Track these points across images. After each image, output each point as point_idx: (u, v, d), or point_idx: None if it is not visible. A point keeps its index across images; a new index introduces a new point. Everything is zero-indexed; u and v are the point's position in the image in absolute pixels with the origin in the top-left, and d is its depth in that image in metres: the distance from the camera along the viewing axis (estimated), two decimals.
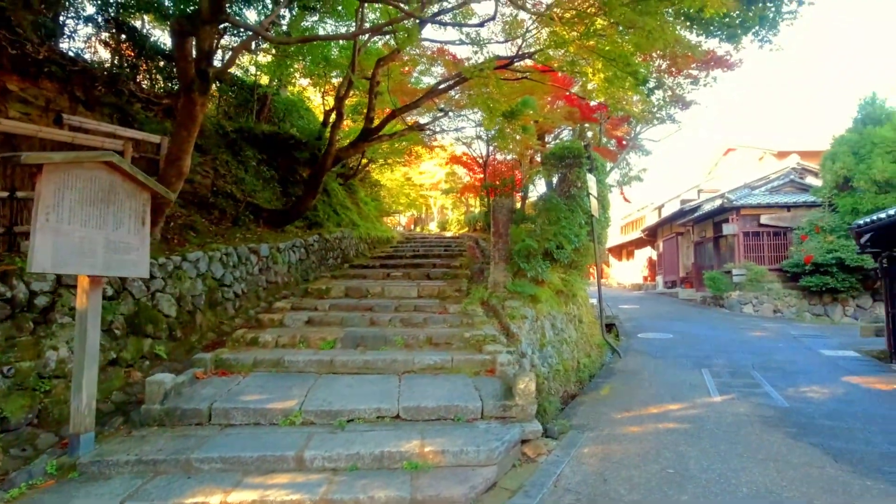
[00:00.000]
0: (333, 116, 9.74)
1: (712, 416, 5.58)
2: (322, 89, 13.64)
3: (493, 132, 13.50)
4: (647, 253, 29.66)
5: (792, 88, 66.37)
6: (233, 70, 12.16)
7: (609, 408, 6.01)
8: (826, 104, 56.38)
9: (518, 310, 7.05)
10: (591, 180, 9.17)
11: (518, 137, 13.76)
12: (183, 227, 7.04)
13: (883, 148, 14.71)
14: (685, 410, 5.83)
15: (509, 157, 19.62)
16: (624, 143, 17.95)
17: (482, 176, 18.28)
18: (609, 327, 13.47)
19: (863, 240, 9.40)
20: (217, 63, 9.06)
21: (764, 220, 17.27)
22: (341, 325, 6.47)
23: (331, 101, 12.83)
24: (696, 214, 19.99)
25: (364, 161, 17.30)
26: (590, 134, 18.17)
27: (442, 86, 9.08)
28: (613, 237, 36.34)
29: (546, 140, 18.21)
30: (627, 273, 33.73)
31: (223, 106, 11.55)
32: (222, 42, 9.43)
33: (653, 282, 27.34)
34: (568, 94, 15.82)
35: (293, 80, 13.33)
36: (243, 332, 6.00)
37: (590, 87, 12.04)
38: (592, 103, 16.39)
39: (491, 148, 17.99)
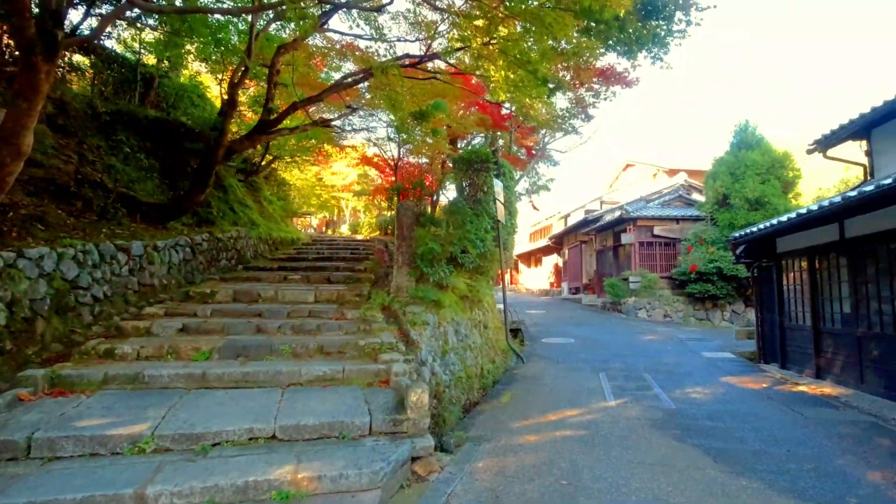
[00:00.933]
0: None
1: (607, 420, 5.63)
2: (220, 76, 12.57)
3: (404, 135, 13.19)
4: (553, 260, 30.91)
5: (684, 109, 73.17)
6: (113, 46, 10.82)
7: (508, 416, 5.88)
8: (713, 124, 62.70)
9: (420, 316, 6.76)
10: (497, 186, 9.16)
11: (430, 141, 13.59)
12: (27, 218, 5.95)
13: (754, 170, 16.39)
14: (582, 416, 5.84)
15: (423, 161, 19.48)
16: (533, 152, 18.52)
17: (394, 178, 17.91)
18: (515, 332, 13.66)
19: (738, 251, 10.26)
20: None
21: (657, 231, 18.57)
22: (222, 333, 5.77)
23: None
24: (598, 224, 21.09)
25: (269, 157, 16.25)
26: (501, 142, 18.54)
27: (348, 80, 8.62)
28: (523, 244, 37.57)
29: (458, 146, 18.27)
30: (535, 279, 34.95)
31: (98, 84, 10.19)
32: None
33: (558, 288, 28.50)
34: (480, 101, 15.99)
35: (186, 63, 12.14)
36: (97, 342, 5.11)
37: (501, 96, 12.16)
38: (504, 111, 16.70)
39: (403, 150, 17.71)
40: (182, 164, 10.87)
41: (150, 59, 11.15)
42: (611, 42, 6.92)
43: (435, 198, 17.47)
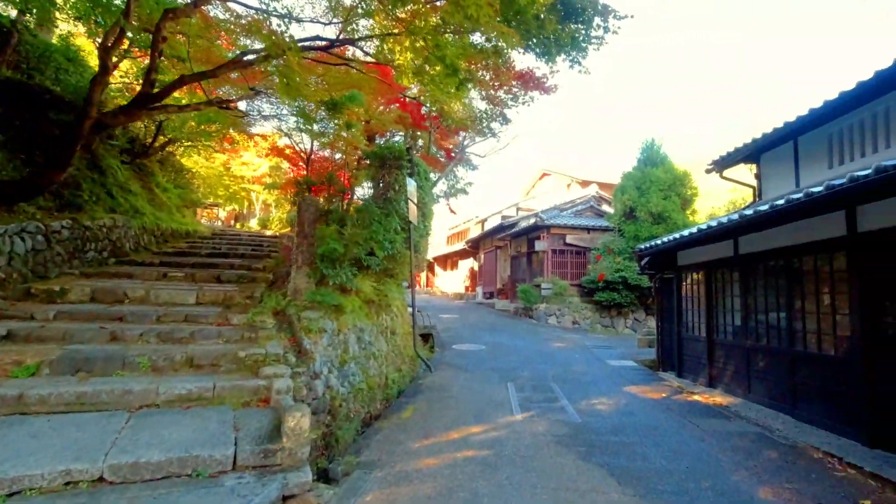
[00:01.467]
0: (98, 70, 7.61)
1: (512, 438, 5.31)
2: (99, 40, 10.94)
3: (314, 125, 12.30)
4: (469, 264, 31.05)
5: (601, 120, 77.42)
6: None
7: (408, 435, 5.39)
8: (625, 137, 66.84)
9: (317, 322, 6.09)
10: (410, 185, 8.68)
11: (345, 135, 12.84)
12: None
13: (657, 186, 17.34)
14: (487, 433, 5.49)
15: (338, 157, 18.56)
16: (452, 155, 18.32)
17: (306, 172, 16.84)
18: (426, 338, 13.25)
19: (643, 262, 10.59)
20: None
21: (569, 239, 19.09)
22: (62, 342, 4.73)
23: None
24: (513, 230, 21.34)
25: (162, 139, 14.57)
26: (420, 143, 18.15)
27: (247, 57, 7.71)
28: (440, 247, 37.49)
29: (378, 143, 17.63)
30: (451, 282, 34.97)
31: None
32: None
33: (473, 292, 28.63)
34: (401, 98, 15.48)
35: (57, 21, 10.42)
36: None
37: (415, 90, 11.71)
38: (424, 111, 16.29)
39: (317, 144, 16.71)
40: (45, 137, 9.27)
41: (10, 11, 9.40)
42: (530, 43, 6.70)
43: (352, 195, 16.65)
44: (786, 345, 6.51)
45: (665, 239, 9.19)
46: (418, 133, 18.33)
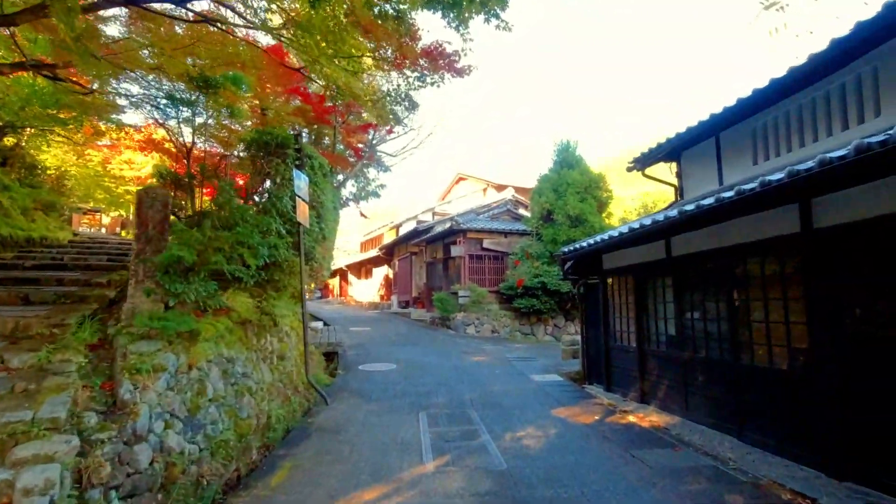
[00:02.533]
0: None
1: None
2: None
3: (185, 109, 10.25)
4: (384, 271, 29.48)
5: (515, 124, 78.96)
6: None
7: None
8: (542, 140, 68.43)
9: (150, 358, 4.37)
10: (299, 178, 7.10)
11: (226, 122, 10.90)
12: None
13: (574, 188, 16.97)
14: (386, 501, 4.09)
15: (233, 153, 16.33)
16: (361, 153, 16.75)
17: (188, 168, 14.48)
18: (330, 357, 11.60)
19: (566, 266, 9.77)
20: None
21: (486, 244, 18.23)
22: None
23: None
24: (428, 235, 20.15)
25: None
26: (326, 141, 16.43)
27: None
28: (355, 255, 35.56)
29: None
30: (366, 291, 33.15)
31: None
32: None
33: (388, 301, 27.08)
34: (301, 88, 13.74)
35: None
36: None
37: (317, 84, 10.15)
38: (328, 104, 14.65)
39: (202, 137, 14.44)
40: None
41: None
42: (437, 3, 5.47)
43: (248, 195, 14.54)
44: (729, 357, 5.77)
45: (590, 241, 8.37)
46: (325, 130, 16.61)
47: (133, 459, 3.67)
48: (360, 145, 17.53)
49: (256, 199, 8.60)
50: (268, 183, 7.15)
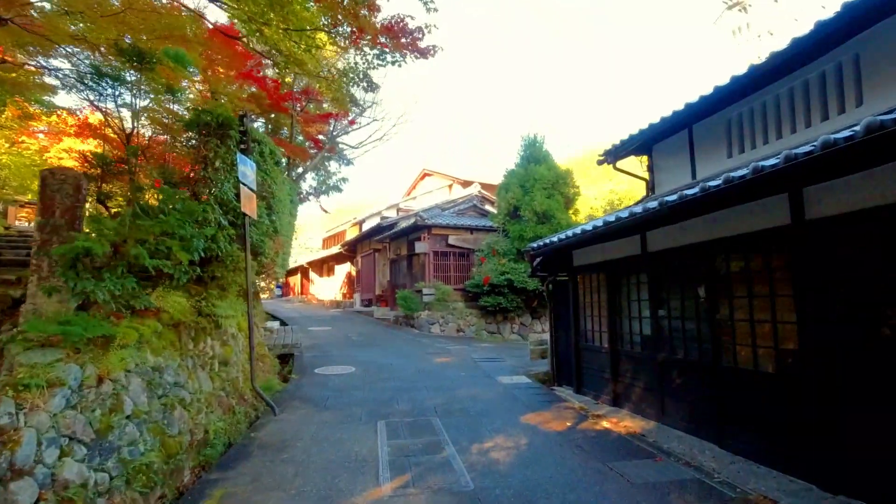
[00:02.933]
0: None
1: None
2: None
3: (142, 99, 9.28)
4: (347, 269, 28.59)
5: (482, 120, 78.69)
6: None
7: None
8: (509, 136, 68.38)
9: (46, 371, 3.62)
10: (244, 163, 6.36)
11: (174, 108, 9.96)
12: None
13: (541, 184, 16.65)
14: None
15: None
16: (322, 145, 15.93)
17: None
18: (286, 360, 10.84)
19: (535, 262, 9.35)
20: None
21: (452, 240, 17.72)
22: None
23: None
24: (392, 231, 19.49)
25: None
26: (285, 132, 15.52)
27: None
28: (317, 251, 34.44)
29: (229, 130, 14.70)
30: (329, 289, 32.15)
31: None
32: None
33: (351, 299, 26.25)
34: (256, 73, 12.85)
35: None
36: None
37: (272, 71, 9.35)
38: (284, 90, 13.82)
39: (144, 124, 13.32)
40: None
41: None
42: None
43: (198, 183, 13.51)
44: (709, 359, 5.42)
45: (561, 236, 7.96)
46: (283, 120, 15.69)
47: (8, 501, 2.94)
48: (321, 137, 16.70)
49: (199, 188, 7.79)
50: (211, 169, 6.36)
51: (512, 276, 15.78)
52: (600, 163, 9.40)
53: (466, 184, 26.36)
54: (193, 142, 7.00)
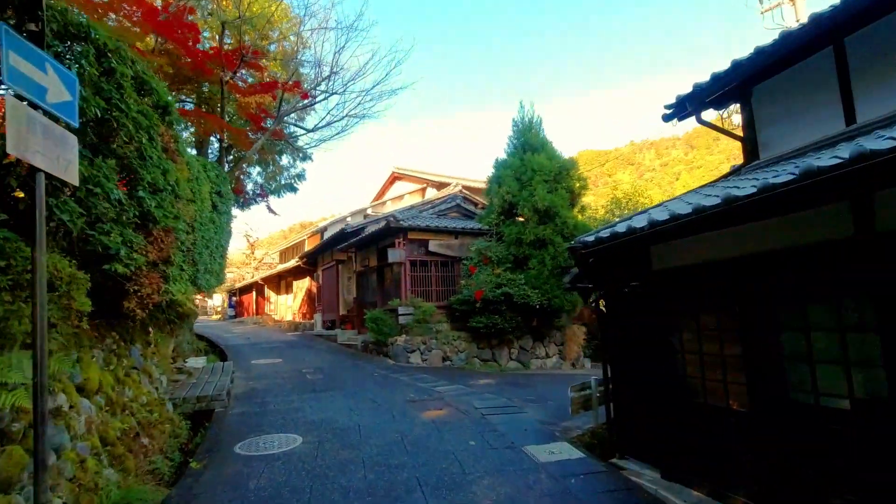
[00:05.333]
0: None
1: None
2: None
3: None
4: (307, 285, 24.82)
5: (456, 126, 76.02)
6: None
7: None
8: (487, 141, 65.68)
9: None
10: (24, 52, 2.91)
11: None
12: None
13: (542, 176, 13.61)
14: None
15: None
16: (263, 124, 12.35)
17: None
18: (201, 422, 7.25)
19: (573, 274, 6.19)
20: None
21: (433, 246, 14.40)
22: None
23: None
24: (359, 238, 16.00)
25: None
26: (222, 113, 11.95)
27: None
28: (272, 266, 30.44)
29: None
30: (287, 309, 28.23)
31: None
32: None
33: (312, 320, 22.48)
34: (161, 15, 9.30)
35: None
36: None
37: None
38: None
39: None
40: None
41: None
42: None
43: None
44: None
45: (654, 218, 4.78)
46: (214, 93, 12.11)
47: None
48: (266, 119, 13.13)
49: None
50: None
51: (510, 289, 12.57)
52: (668, 118, 6.34)
53: (443, 185, 23.19)
54: None
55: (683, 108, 6.04)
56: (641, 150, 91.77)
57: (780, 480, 3.92)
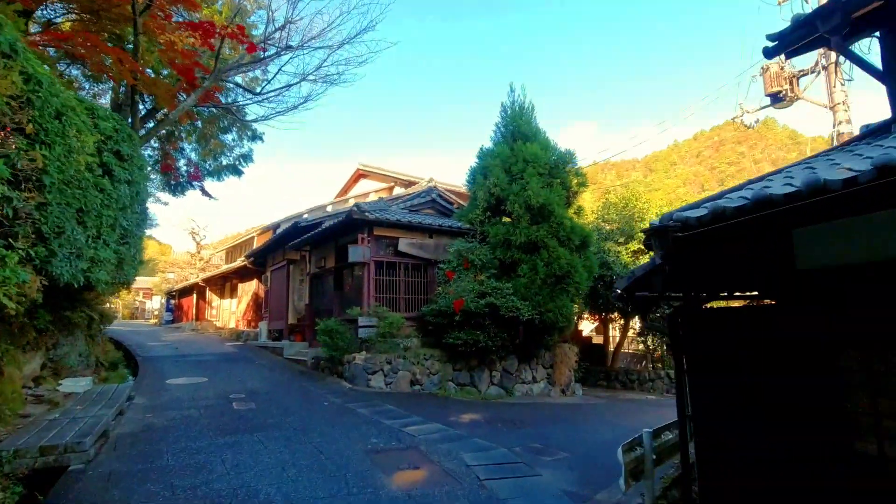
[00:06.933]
0: None
1: None
2: None
3: None
4: (254, 288, 21.88)
5: (425, 125, 73.88)
6: None
7: None
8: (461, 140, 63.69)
9: None
10: None
11: None
12: None
13: (536, 168, 11.57)
14: None
15: None
16: (196, 79, 9.73)
17: None
18: (43, 482, 4.62)
19: (629, 284, 4.03)
20: None
21: (403, 246, 12.04)
22: None
23: None
24: (315, 233, 13.43)
25: None
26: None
27: None
28: (214, 265, 27.24)
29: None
30: (231, 315, 25.08)
31: None
32: None
33: (257, 328, 19.57)
34: None
35: None
36: None
37: None
38: None
39: None
40: None
41: None
42: None
43: None
44: None
45: (782, 187, 2.64)
46: (128, 33, 9.40)
47: None
48: (204, 79, 10.48)
49: None
50: None
51: (496, 299, 10.37)
52: (775, 50, 4.30)
53: (412, 184, 20.93)
54: None
55: (812, 29, 4.01)
56: (603, 170, 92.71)
57: None
